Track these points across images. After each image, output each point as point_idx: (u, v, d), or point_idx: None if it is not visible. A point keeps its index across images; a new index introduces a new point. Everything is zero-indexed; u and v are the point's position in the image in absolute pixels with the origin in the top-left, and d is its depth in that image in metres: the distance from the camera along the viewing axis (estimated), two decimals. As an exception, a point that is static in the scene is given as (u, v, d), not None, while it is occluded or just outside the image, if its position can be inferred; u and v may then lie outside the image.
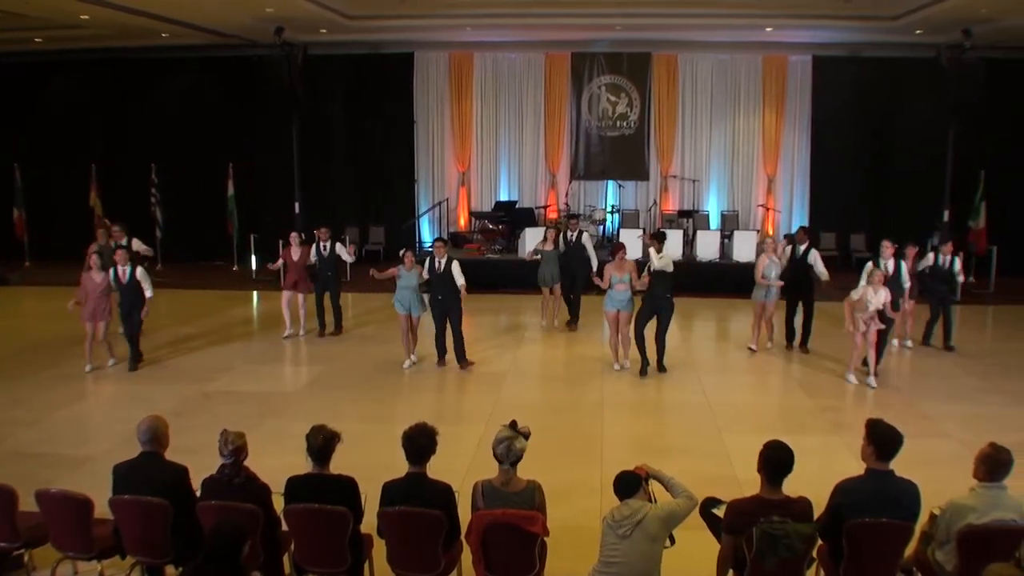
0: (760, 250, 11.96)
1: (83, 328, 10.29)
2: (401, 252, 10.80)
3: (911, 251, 11.29)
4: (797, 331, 11.54)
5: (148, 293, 10.29)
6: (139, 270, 10.28)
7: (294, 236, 12.29)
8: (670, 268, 9.94)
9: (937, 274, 11.45)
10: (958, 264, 11.50)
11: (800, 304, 11.37)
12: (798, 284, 11.21)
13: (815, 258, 11.13)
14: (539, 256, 12.62)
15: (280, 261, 12.47)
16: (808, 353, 11.31)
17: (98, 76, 19.07)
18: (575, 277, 12.60)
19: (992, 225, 16.62)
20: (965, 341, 11.61)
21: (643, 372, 10.11)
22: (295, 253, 12.08)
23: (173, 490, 4.80)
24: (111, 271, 10.25)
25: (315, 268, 12.23)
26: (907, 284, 10.64)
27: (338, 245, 12.38)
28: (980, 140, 16.60)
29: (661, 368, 10.27)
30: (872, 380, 9.74)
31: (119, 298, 10.33)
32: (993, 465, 4.56)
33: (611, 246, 16.82)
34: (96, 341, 10.33)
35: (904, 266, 10.62)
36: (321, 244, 12.21)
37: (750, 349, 11.47)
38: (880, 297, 9.40)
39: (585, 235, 12.97)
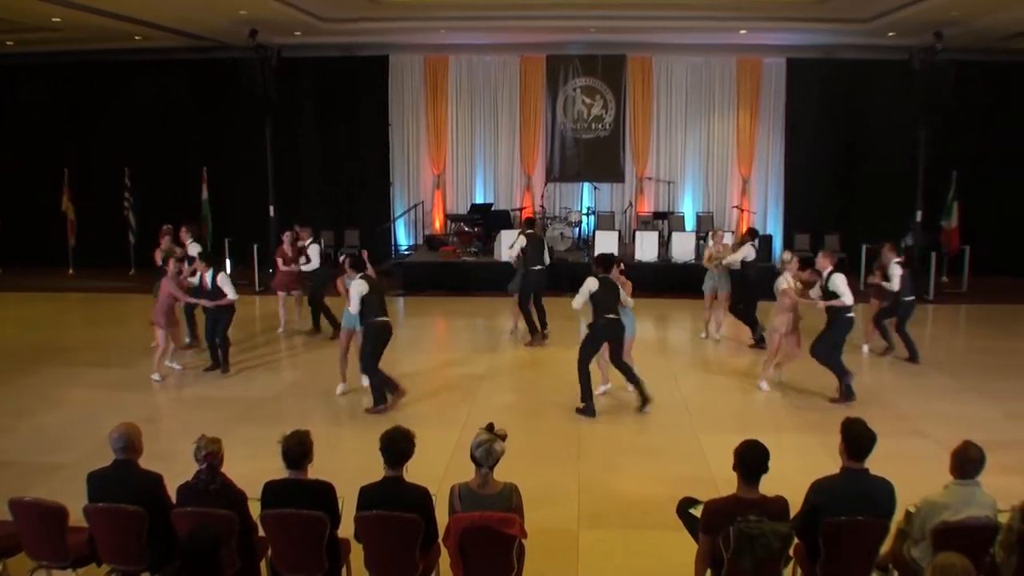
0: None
1: None
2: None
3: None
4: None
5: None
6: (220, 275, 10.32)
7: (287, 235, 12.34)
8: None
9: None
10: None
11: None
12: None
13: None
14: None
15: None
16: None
17: (70, 79, 18.84)
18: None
19: (964, 225, 16.82)
20: (939, 340, 11.74)
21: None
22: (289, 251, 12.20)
23: (148, 497, 4.75)
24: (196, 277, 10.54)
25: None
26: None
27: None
28: (952, 141, 16.79)
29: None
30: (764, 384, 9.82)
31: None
32: (966, 462, 4.62)
33: (587, 248, 16.95)
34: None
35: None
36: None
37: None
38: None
39: (521, 237, 12.20)
